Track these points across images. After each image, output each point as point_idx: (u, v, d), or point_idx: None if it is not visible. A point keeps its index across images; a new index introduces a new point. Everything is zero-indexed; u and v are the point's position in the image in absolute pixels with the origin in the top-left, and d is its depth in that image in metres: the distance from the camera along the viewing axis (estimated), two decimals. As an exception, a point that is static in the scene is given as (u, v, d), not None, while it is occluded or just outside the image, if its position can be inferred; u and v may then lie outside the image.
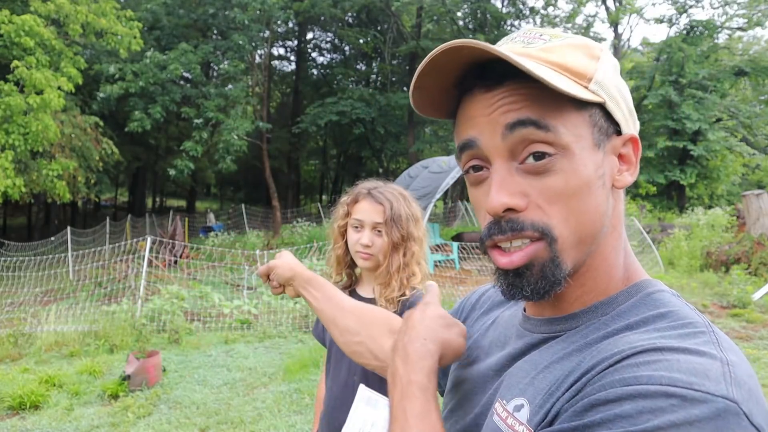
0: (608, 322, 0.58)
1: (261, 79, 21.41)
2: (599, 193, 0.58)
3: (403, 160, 26.70)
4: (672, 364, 0.47)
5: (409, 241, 1.64)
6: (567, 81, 0.56)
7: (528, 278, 0.58)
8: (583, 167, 0.57)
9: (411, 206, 1.67)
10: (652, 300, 0.59)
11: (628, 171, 0.62)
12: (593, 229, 0.59)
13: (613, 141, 0.60)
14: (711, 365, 0.47)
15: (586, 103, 0.57)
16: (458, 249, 11.33)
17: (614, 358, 0.51)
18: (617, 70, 0.62)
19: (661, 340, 0.51)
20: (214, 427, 4.05)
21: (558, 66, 0.57)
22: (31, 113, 12.02)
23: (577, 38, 0.61)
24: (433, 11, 22.98)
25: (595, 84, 0.57)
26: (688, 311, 0.56)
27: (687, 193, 22.90)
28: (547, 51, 0.58)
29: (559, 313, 0.63)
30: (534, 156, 0.56)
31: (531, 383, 0.59)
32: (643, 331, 0.54)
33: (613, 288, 0.61)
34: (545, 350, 0.62)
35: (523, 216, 0.57)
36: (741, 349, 2.30)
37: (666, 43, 21.61)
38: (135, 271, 9.52)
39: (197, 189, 32.16)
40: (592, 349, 0.56)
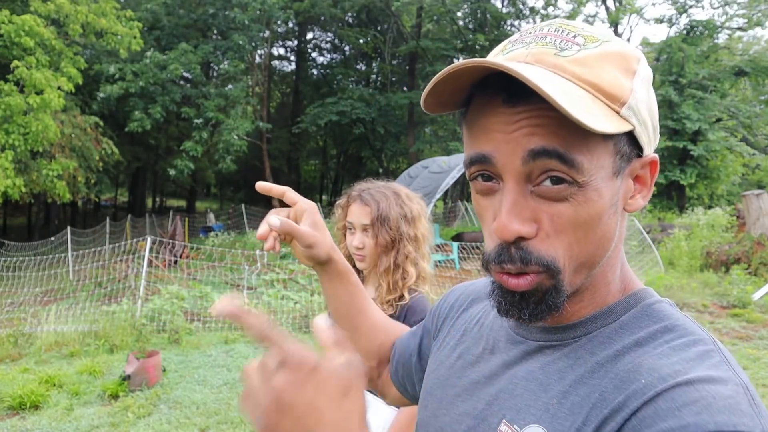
0: (613, 336, 0.57)
1: (261, 79, 21.43)
2: (610, 221, 0.56)
3: (403, 160, 26.71)
4: (710, 403, 0.47)
5: (402, 241, 1.60)
6: (601, 109, 0.51)
7: (528, 303, 0.56)
8: (598, 198, 0.53)
9: (405, 205, 1.63)
10: (653, 311, 0.58)
11: (641, 194, 0.58)
12: (597, 257, 0.57)
13: (633, 164, 0.57)
14: (737, 396, 0.48)
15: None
16: (458, 249, 11.34)
17: (647, 395, 0.50)
18: (649, 82, 0.57)
19: (684, 366, 0.51)
20: (214, 427, 4.05)
21: (591, 86, 0.52)
22: (31, 113, 12.03)
23: (614, 44, 0.55)
24: (433, 11, 22.99)
25: (627, 109, 0.53)
26: (691, 324, 0.57)
27: (687, 193, 22.91)
28: (581, 64, 0.52)
29: (556, 323, 0.62)
30: (551, 179, 0.53)
31: (546, 410, 0.57)
32: (659, 352, 0.54)
33: (610, 298, 0.60)
34: (548, 365, 0.60)
35: (531, 247, 0.54)
36: (741, 349, 2.32)
37: (666, 43, 21.62)
38: (135, 271, 9.52)
39: (197, 189, 32.17)
40: (609, 371, 0.55)
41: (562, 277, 0.55)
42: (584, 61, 0.52)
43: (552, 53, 0.53)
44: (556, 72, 0.52)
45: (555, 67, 0.52)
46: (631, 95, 0.53)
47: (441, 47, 22.36)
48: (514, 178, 0.53)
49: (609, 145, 0.53)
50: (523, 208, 0.53)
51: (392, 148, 25.67)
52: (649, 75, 0.57)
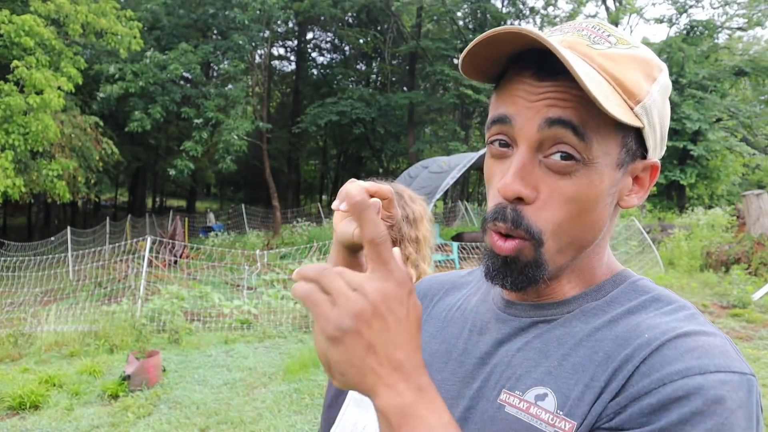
0: (605, 308, 0.62)
1: (261, 79, 21.41)
2: (604, 209, 0.60)
3: (403, 160, 26.70)
4: (707, 350, 0.54)
5: (403, 242, 1.59)
6: (617, 99, 0.56)
7: (511, 270, 0.60)
8: (599, 182, 0.58)
9: (407, 206, 1.61)
10: (639, 287, 0.64)
11: (637, 194, 0.62)
12: (585, 241, 0.61)
13: (635, 164, 0.61)
14: (726, 345, 0.56)
15: (625, 125, 0.57)
16: (458, 249, 11.33)
17: (652, 345, 0.55)
18: (667, 93, 0.62)
19: (679, 324, 0.57)
20: (214, 427, 4.05)
21: (614, 79, 0.57)
22: (31, 113, 12.03)
23: (642, 50, 0.60)
24: (433, 11, 22.99)
25: (641, 108, 0.57)
26: (674, 294, 0.63)
27: (687, 193, 22.91)
28: (610, 59, 0.57)
29: (548, 299, 0.65)
30: (560, 154, 0.57)
31: (548, 372, 0.59)
32: (650, 315, 0.59)
33: (597, 278, 0.65)
34: (545, 336, 0.62)
35: (525, 212, 0.58)
36: (741, 349, 2.32)
37: (666, 43, 21.62)
38: (135, 271, 9.52)
39: (197, 189, 32.16)
40: (607, 333, 0.59)
41: (544, 251, 0.59)
42: (612, 56, 0.57)
43: (585, 44, 0.58)
44: (585, 60, 0.57)
45: (585, 56, 0.57)
46: (647, 97, 0.58)
47: (441, 47, 22.36)
48: (527, 144, 0.57)
49: (618, 135, 0.58)
50: (529, 174, 0.58)
51: (392, 148, 25.65)
52: (668, 86, 0.62)
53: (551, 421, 0.56)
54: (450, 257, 11.31)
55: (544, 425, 0.57)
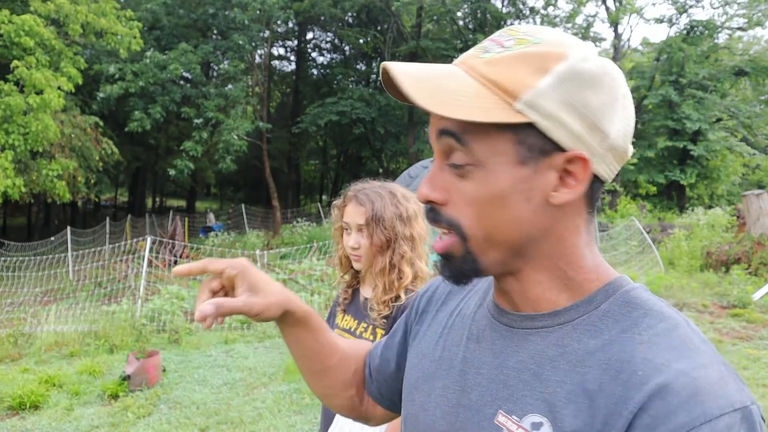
0: (598, 324, 0.61)
1: (261, 79, 21.42)
2: (520, 207, 0.60)
3: (403, 160, 26.70)
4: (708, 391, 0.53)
5: (397, 241, 1.60)
6: (492, 101, 0.57)
7: (448, 265, 0.65)
8: (495, 181, 0.60)
9: (400, 205, 1.62)
10: (630, 299, 0.62)
11: (570, 189, 0.60)
12: (510, 238, 0.62)
13: (552, 159, 0.59)
14: (724, 376, 0.55)
15: (510, 124, 0.58)
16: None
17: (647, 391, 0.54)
18: (575, 78, 0.58)
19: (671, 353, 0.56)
20: (214, 427, 4.05)
21: (492, 83, 0.58)
22: (31, 113, 12.03)
23: (543, 45, 0.59)
24: (433, 11, 22.99)
25: (522, 104, 0.57)
26: (663, 307, 0.61)
27: (687, 193, 22.92)
28: (492, 64, 0.59)
29: (539, 310, 0.65)
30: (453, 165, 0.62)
31: (543, 399, 0.60)
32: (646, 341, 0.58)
33: (586, 287, 0.64)
34: (537, 354, 0.62)
35: (443, 210, 0.63)
36: (741, 349, 2.31)
37: (666, 43, 21.62)
38: (135, 271, 9.53)
39: (197, 189, 32.14)
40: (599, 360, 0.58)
41: (471, 245, 0.62)
42: (495, 61, 0.59)
43: (476, 56, 0.61)
44: (468, 72, 0.60)
45: (470, 68, 0.60)
46: (530, 91, 0.57)
47: (441, 47, 22.36)
48: (436, 154, 0.64)
49: (507, 134, 0.58)
50: (438, 180, 0.63)
51: (392, 148, 25.65)
52: (574, 72, 0.58)
53: None
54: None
55: None
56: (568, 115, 0.58)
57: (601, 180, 0.62)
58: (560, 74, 0.57)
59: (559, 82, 0.57)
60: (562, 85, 0.57)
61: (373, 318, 1.60)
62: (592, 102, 0.58)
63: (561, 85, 0.57)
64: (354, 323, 1.68)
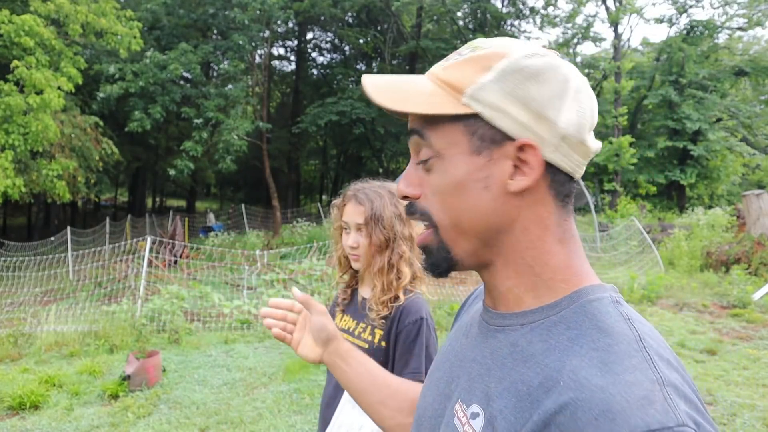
0: (551, 329, 0.62)
1: (261, 79, 21.42)
2: (480, 195, 0.64)
3: (403, 160, 26.70)
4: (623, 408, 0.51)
5: (396, 240, 1.60)
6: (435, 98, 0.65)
7: (427, 257, 0.70)
8: (454, 170, 0.65)
9: (399, 204, 1.62)
10: (588, 310, 0.61)
11: (525, 176, 0.63)
12: (476, 227, 0.66)
13: (504, 148, 0.63)
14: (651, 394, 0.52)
15: (460, 115, 0.64)
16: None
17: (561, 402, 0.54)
18: (525, 74, 0.63)
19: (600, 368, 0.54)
20: (214, 427, 4.05)
21: (444, 83, 0.65)
22: (31, 113, 12.03)
23: (489, 50, 0.65)
24: (433, 11, 22.99)
25: (466, 98, 0.63)
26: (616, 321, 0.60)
27: (687, 193, 22.92)
28: (446, 69, 0.67)
29: (509, 310, 0.68)
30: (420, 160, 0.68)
31: (485, 392, 0.63)
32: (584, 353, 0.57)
33: (556, 292, 0.65)
34: (495, 350, 0.66)
35: (417, 203, 0.69)
36: (741, 349, 2.31)
37: (666, 43, 21.63)
38: (135, 271, 9.53)
39: (197, 189, 32.14)
40: (538, 364, 0.60)
41: (442, 235, 0.68)
42: (450, 66, 0.67)
43: (439, 65, 0.69)
44: (429, 77, 0.68)
45: (431, 74, 0.68)
46: (473, 86, 0.63)
47: (441, 47, 22.36)
48: (411, 153, 0.71)
49: (458, 126, 0.64)
50: (412, 176, 0.70)
51: (392, 148, 25.65)
52: (514, 68, 0.63)
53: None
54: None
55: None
56: (512, 105, 0.63)
57: (564, 172, 0.65)
58: (501, 70, 0.63)
59: (500, 77, 0.63)
60: (503, 79, 0.63)
61: (371, 318, 1.60)
62: (536, 94, 0.63)
63: (502, 79, 0.63)
64: (353, 323, 1.68)
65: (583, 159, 0.66)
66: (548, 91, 0.63)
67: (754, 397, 4.45)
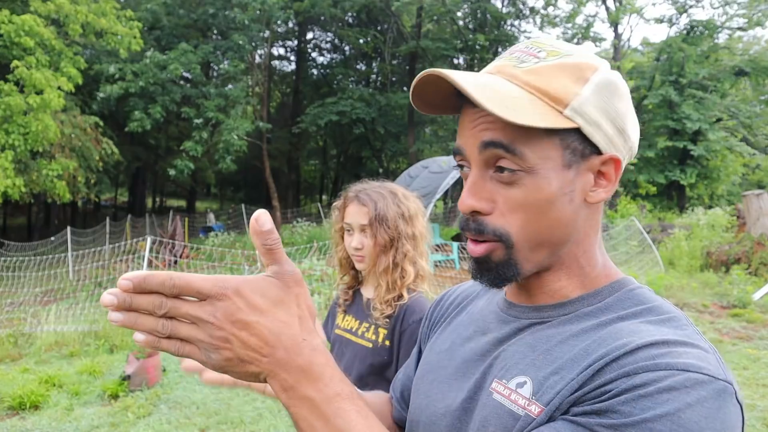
0: (597, 313, 0.65)
1: (261, 79, 21.43)
2: (564, 208, 0.64)
3: (403, 160, 26.69)
4: (681, 353, 0.55)
5: (400, 240, 1.61)
6: (542, 108, 0.61)
7: (485, 269, 0.67)
8: (547, 185, 0.62)
9: (402, 204, 1.64)
10: (635, 295, 0.66)
11: (604, 188, 0.66)
12: (554, 239, 0.65)
13: (590, 161, 0.64)
14: (707, 355, 0.56)
15: (556, 129, 0.62)
16: (458, 249, 11.33)
17: (629, 346, 0.57)
18: (609, 87, 0.64)
19: (660, 333, 0.59)
20: (214, 427, 4.05)
21: (538, 91, 0.62)
22: (31, 113, 12.03)
23: (575, 57, 0.64)
24: (433, 11, 22.98)
25: (570, 110, 0.61)
26: (668, 306, 0.65)
27: (687, 193, 22.91)
28: (534, 73, 0.63)
29: (547, 301, 0.69)
30: (501, 169, 0.63)
31: (532, 364, 0.64)
32: (637, 322, 0.61)
33: (596, 283, 0.68)
34: (538, 334, 0.67)
35: (488, 220, 0.64)
36: (741, 349, 2.32)
37: (666, 43, 21.61)
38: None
39: (197, 189, 32.14)
40: (592, 335, 0.62)
41: (515, 251, 0.65)
42: (536, 71, 0.63)
43: (512, 65, 0.64)
44: (510, 80, 0.63)
45: (511, 76, 0.63)
46: (576, 98, 0.62)
47: (441, 47, 22.36)
48: (476, 164, 0.65)
49: (555, 139, 0.62)
50: (481, 189, 0.64)
51: (392, 148, 25.65)
52: (608, 81, 0.64)
53: (525, 406, 0.62)
54: (450, 257, 11.31)
55: (519, 409, 0.62)
56: (604, 120, 0.63)
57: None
58: (597, 83, 0.63)
59: (596, 90, 0.63)
60: (599, 93, 0.63)
61: (375, 317, 1.61)
62: (620, 108, 0.65)
63: (598, 93, 0.63)
64: (356, 323, 1.68)
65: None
66: (625, 106, 0.66)
67: (754, 397, 4.45)
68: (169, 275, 0.51)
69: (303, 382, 0.54)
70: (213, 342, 0.51)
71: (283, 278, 0.55)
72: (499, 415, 0.64)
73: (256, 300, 0.52)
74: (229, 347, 0.51)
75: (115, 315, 0.51)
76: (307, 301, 0.57)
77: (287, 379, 0.54)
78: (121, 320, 0.51)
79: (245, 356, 0.52)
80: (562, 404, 0.58)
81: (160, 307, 0.51)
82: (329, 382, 0.55)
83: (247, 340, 0.52)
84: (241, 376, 0.53)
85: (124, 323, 0.51)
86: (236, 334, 0.51)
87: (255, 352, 0.52)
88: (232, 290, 0.51)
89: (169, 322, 0.51)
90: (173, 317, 0.51)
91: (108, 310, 0.52)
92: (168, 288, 0.50)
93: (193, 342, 0.52)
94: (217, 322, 0.51)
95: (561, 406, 0.58)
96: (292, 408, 0.55)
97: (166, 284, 0.50)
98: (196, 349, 0.52)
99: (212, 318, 0.51)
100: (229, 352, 0.52)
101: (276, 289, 0.54)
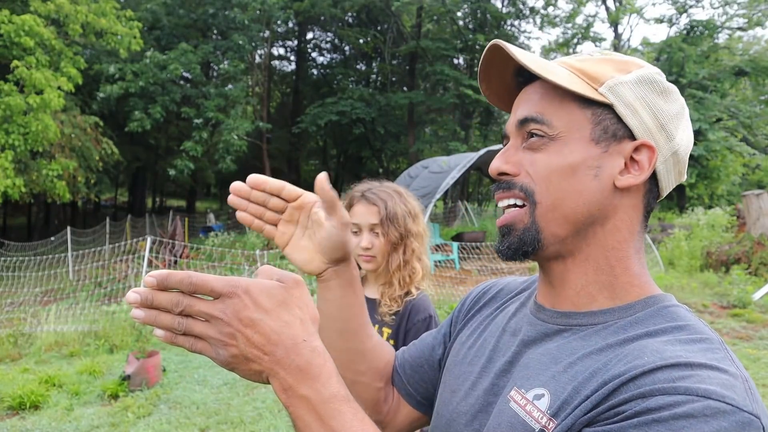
0: (627, 328, 0.64)
1: (261, 79, 21.44)
2: (587, 181, 0.66)
3: (403, 160, 26.70)
4: (704, 378, 0.52)
5: (408, 238, 1.65)
6: (574, 80, 0.66)
7: (509, 237, 0.69)
8: (569, 153, 0.66)
9: (408, 203, 1.67)
10: (669, 312, 0.64)
11: (634, 175, 0.66)
12: (577, 213, 0.66)
13: (623, 144, 0.66)
14: (734, 382, 0.53)
15: (591, 102, 0.66)
16: (458, 249, 11.33)
17: (648, 366, 0.55)
18: (652, 84, 0.67)
19: (686, 354, 0.56)
20: (214, 427, 4.05)
21: (578, 70, 0.68)
22: (31, 113, 12.03)
23: (625, 58, 0.70)
24: (433, 11, 22.99)
25: (605, 88, 0.66)
26: (702, 326, 0.62)
27: (687, 193, 22.91)
28: (584, 62, 0.69)
29: (576, 309, 0.68)
30: (529, 134, 0.68)
31: (553, 377, 0.64)
32: (665, 341, 0.59)
33: (630, 296, 0.67)
34: (563, 344, 0.66)
35: (516, 179, 0.69)
36: (741, 349, 2.32)
37: (666, 43, 21.62)
38: (135, 271, 9.52)
39: (197, 189, 32.14)
40: (615, 351, 0.61)
41: (537, 214, 0.67)
42: (586, 60, 0.70)
43: (572, 58, 0.72)
44: (562, 65, 0.69)
45: (562, 62, 0.70)
46: (612, 79, 0.66)
47: (441, 47, 22.35)
48: (513, 137, 0.71)
49: (586, 112, 0.66)
50: (512, 155, 0.70)
51: (392, 148, 25.66)
52: (652, 79, 0.68)
53: (539, 419, 0.62)
54: (450, 257, 11.31)
55: (533, 422, 0.62)
56: (643, 108, 0.66)
57: (658, 188, 0.69)
58: (639, 76, 0.67)
59: (637, 81, 0.67)
60: (640, 84, 0.67)
61: (382, 314, 1.63)
62: (664, 107, 0.67)
63: (638, 83, 0.67)
64: None
65: (676, 180, 0.70)
66: (673, 109, 0.68)
67: (754, 397, 4.45)
68: (187, 274, 0.54)
69: (301, 381, 0.55)
70: (221, 338, 0.54)
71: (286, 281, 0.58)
72: (512, 425, 0.64)
73: (263, 300, 0.55)
74: (235, 344, 0.54)
75: (138, 312, 0.54)
76: (309, 304, 0.59)
77: (286, 379, 0.55)
78: (143, 317, 0.55)
79: (249, 354, 0.54)
80: (575, 424, 0.57)
81: (177, 304, 0.54)
82: (327, 383, 0.56)
83: (251, 338, 0.54)
84: (246, 374, 0.56)
85: (145, 320, 0.55)
86: (242, 331, 0.54)
87: (258, 350, 0.54)
88: (242, 289, 0.54)
89: (184, 319, 0.55)
90: (188, 315, 0.55)
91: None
92: (186, 285, 0.53)
93: (205, 338, 0.55)
94: (226, 318, 0.53)
95: (574, 426, 0.57)
96: (290, 407, 0.56)
97: (185, 282, 0.54)
98: (208, 345, 0.55)
99: (222, 314, 0.53)
100: (235, 348, 0.54)
101: (280, 291, 0.56)
